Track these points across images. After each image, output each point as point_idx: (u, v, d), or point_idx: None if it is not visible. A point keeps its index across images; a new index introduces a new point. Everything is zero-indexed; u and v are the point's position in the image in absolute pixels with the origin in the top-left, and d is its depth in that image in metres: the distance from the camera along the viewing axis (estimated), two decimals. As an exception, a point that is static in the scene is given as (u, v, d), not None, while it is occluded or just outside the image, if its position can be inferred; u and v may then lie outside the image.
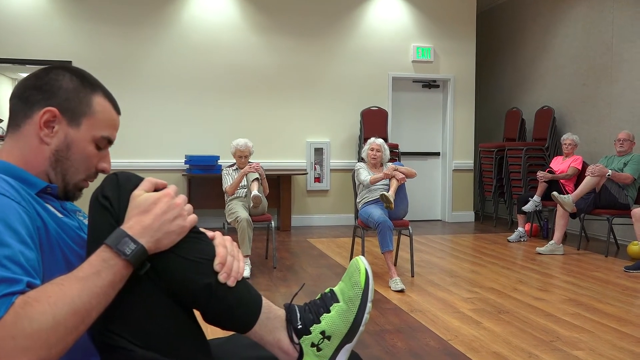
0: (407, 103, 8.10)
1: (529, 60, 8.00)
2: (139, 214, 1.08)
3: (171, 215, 1.09)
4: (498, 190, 7.70)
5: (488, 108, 9.02)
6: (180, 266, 1.11)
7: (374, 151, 4.76)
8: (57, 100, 1.17)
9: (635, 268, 4.77)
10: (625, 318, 3.47)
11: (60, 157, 1.18)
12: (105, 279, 1.02)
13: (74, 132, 1.18)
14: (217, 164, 6.74)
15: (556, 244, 5.60)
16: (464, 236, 6.82)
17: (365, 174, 4.66)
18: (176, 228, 1.10)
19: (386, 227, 4.24)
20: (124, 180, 1.14)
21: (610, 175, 5.40)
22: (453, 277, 4.57)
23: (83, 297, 0.98)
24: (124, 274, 1.05)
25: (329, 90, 7.56)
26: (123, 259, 1.04)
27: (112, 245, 1.04)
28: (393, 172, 4.48)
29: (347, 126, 7.63)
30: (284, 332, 1.19)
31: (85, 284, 0.99)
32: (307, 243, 6.18)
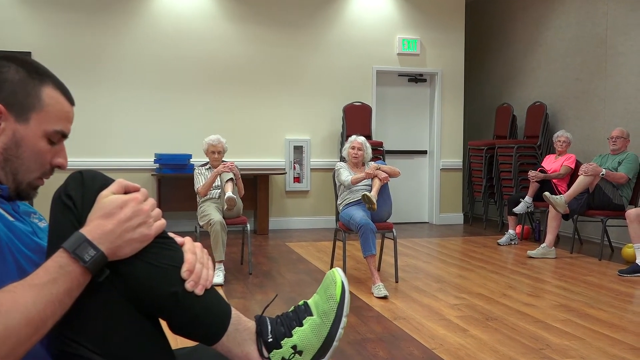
0: (392, 98, 8.15)
1: (520, 53, 8.10)
2: (101, 217, 1.08)
3: (135, 222, 1.09)
4: (488, 191, 7.78)
5: (477, 104, 9.11)
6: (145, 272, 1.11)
7: (355, 150, 4.78)
8: (1, 94, 1.14)
9: (630, 272, 4.86)
10: (617, 324, 3.53)
11: (9, 155, 1.16)
12: (62, 287, 1.01)
13: (23, 128, 1.16)
14: (189, 163, 6.72)
15: (548, 247, 5.68)
16: (452, 239, 6.88)
17: (346, 174, 4.69)
18: (139, 236, 1.09)
19: (368, 229, 4.26)
20: (89, 179, 1.13)
21: (604, 174, 5.49)
22: (439, 283, 4.61)
23: (37, 306, 0.97)
24: (82, 281, 1.04)
25: (310, 85, 7.58)
26: (81, 265, 1.03)
27: (69, 249, 1.04)
28: (375, 172, 4.51)
29: (329, 123, 7.65)
30: (254, 345, 1.20)
31: (40, 292, 0.98)
32: (285, 247, 6.19)
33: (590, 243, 6.54)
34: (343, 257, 4.60)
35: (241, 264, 5.28)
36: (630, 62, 6.25)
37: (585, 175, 5.50)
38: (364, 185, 4.67)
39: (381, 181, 4.47)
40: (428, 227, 7.98)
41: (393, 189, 7.92)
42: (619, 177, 5.52)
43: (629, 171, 5.55)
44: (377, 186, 4.46)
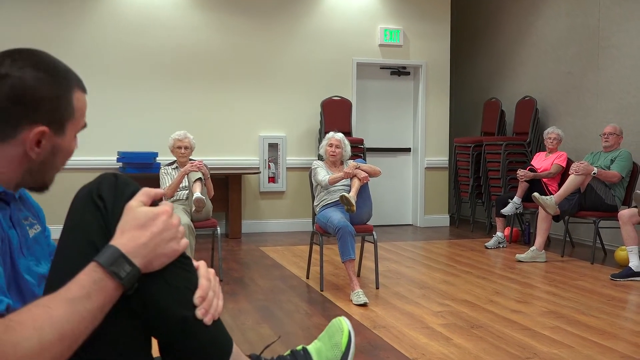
0: (373, 92, 8.17)
1: (509, 44, 8.18)
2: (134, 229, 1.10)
3: (167, 236, 1.12)
4: (475, 191, 7.85)
5: (464, 98, 9.18)
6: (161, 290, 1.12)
7: (333, 147, 4.79)
8: (42, 115, 1.18)
9: (623, 276, 4.93)
10: (608, 331, 3.58)
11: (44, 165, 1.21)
12: (95, 302, 1.03)
13: (61, 139, 1.22)
14: (155, 162, 6.68)
15: (537, 250, 5.74)
16: (437, 243, 6.93)
17: (324, 174, 4.69)
18: (169, 251, 1.12)
19: (347, 232, 4.27)
20: (122, 184, 1.17)
21: (595, 173, 5.56)
22: (423, 289, 4.64)
23: (72, 322, 1.00)
24: (115, 297, 1.07)
25: (285, 78, 7.57)
26: (117, 281, 1.06)
27: (105, 265, 1.05)
28: (355, 171, 4.52)
29: (306, 118, 7.65)
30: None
31: (75, 307, 1.01)
32: (259, 252, 6.18)
33: (582, 246, 6.62)
34: (320, 262, 4.60)
35: (211, 270, 5.27)
36: (624, 55, 6.35)
37: (576, 174, 5.57)
38: (342, 186, 4.68)
39: (361, 181, 4.49)
40: (412, 229, 8.02)
41: (374, 189, 7.94)
42: (611, 176, 5.60)
43: (621, 169, 5.63)
44: (356, 186, 4.47)
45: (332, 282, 4.85)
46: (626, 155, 5.68)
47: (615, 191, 5.65)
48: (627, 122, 6.27)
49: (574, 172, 5.58)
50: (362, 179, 4.49)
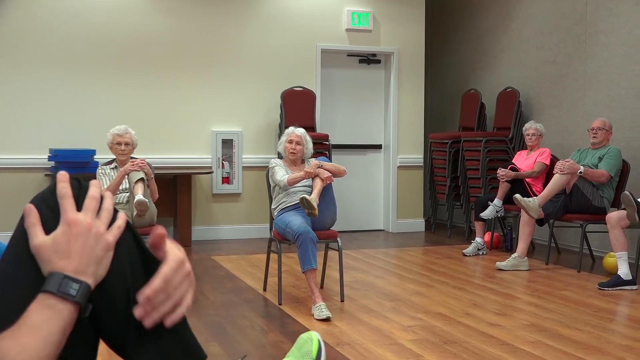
0: (340, 83, 8.20)
1: (489, 30, 8.29)
2: (60, 258, 1.14)
3: (91, 240, 1.15)
4: (453, 192, 7.93)
5: (441, 90, 9.27)
6: (115, 286, 1.18)
7: (293, 144, 4.80)
8: None
9: (611, 285, 5.04)
10: (594, 345, 3.66)
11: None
12: (56, 326, 1.10)
13: None
14: (93, 161, 6.61)
15: (520, 257, 5.83)
16: (410, 250, 6.99)
17: (282, 173, 4.69)
18: (102, 249, 1.16)
19: (308, 239, 4.28)
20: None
21: (582, 172, 5.67)
22: (393, 301, 4.68)
23: (41, 350, 1.08)
24: (73, 318, 1.13)
25: (241, 66, 7.56)
26: (71, 301, 1.12)
27: (53, 290, 1.11)
28: (317, 170, 4.54)
29: (264, 112, 7.65)
30: None
31: (40, 334, 1.08)
32: (211, 262, 6.17)
33: (568, 252, 6.75)
34: (278, 273, 4.61)
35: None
36: (613, 42, 6.48)
37: (560, 173, 5.66)
38: (303, 187, 4.69)
39: (323, 182, 4.50)
40: (383, 235, 8.07)
41: (339, 191, 7.96)
42: (598, 175, 5.72)
43: (610, 168, 5.75)
44: (318, 187, 4.48)
45: (292, 294, 4.86)
46: (615, 153, 5.80)
47: (604, 192, 5.77)
48: (617, 115, 6.40)
49: (558, 171, 5.68)
50: (324, 179, 4.51)
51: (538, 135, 6.53)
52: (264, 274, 5.05)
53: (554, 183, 5.69)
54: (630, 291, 5.00)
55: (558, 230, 6.92)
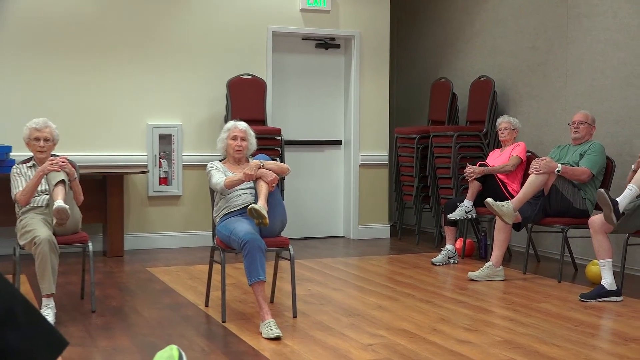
0: (294, 70, 8.21)
1: (461, 11, 8.38)
2: None
3: None
4: (421, 194, 8.00)
5: (408, 78, 9.33)
6: None
7: (238, 140, 4.78)
8: None
9: (594, 296, 5.14)
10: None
11: None
12: None
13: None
14: (9, 159, 6.50)
15: (494, 266, 5.91)
16: (373, 259, 7.02)
17: (219, 176, 4.65)
18: None
19: (255, 247, 4.27)
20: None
21: (560, 171, 5.77)
22: (352, 317, 4.70)
23: None
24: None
25: (181, 52, 7.51)
26: None
27: None
28: (259, 172, 4.51)
29: (207, 103, 7.61)
30: None
31: None
32: (146, 274, 6.13)
33: (549, 260, 6.86)
34: (222, 286, 4.59)
35: (81, 299, 5.18)
36: (597, 26, 6.61)
37: (536, 173, 5.76)
38: (246, 189, 4.67)
39: (269, 185, 4.48)
40: (343, 242, 8.10)
41: (292, 193, 7.99)
42: (579, 173, 5.82)
43: (592, 165, 5.86)
44: (264, 192, 4.46)
45: (238, 310, 4.85)
46: (598, 149, 5.92)
47: (586, 193, 5.87)
48: (600, 108, 6.53)
49: (534, 171, 5.77)
50: (270, 182, 4.49)
51: (511, 129, 6.62)
52: (206, 288, 5.03)
53: (530, 184, 5.77)
54: (614, 303, 5.10)
55: (537, 236, 7.02)
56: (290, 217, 7.63)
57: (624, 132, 6.33)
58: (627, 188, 5.15)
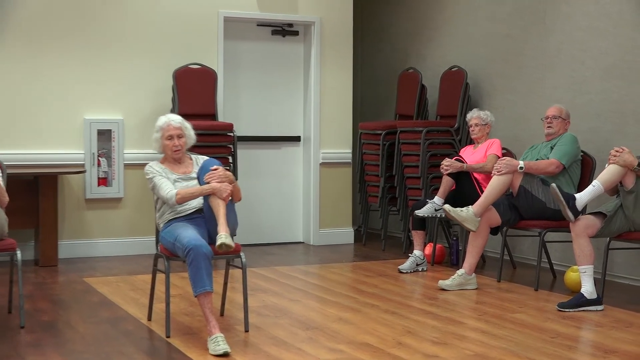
0: (248, 59, 8.19)
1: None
2: None
3: None
4: (388, 195, 8.01)
5: (373, 69, 9.35)
6: None
7: (175, 139, 4.73)
8: None
9: (572, 305, 5.20)
10: (549, 378, 3.78)
11: None
12: None
13: None
14: None
15: (467, 274, 5.95)
16: (335, 266, 7.03)
17: (167, 187, 4.59)
18: None
19: (201, 255, 4.25)
20: None
21: (523, 168, 5.83)
22: (310, 330, 4.70)
23: None
24: None
25: (122, 39, 7.45)
26: None
27: None
28: (212, 185, 4.44)
29: (151, 95, 7.57)
30: None
31: None
32: (82, 285, 6.08)
33: (526, 266, 6.93)
34: (166, 297, 4.56)
35: (9, 313, 5.12)
36: (577, 13, 6.68)
37: (498, 174, 5.82)
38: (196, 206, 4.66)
39: (224, 200, 4.44)
40: (302, 249, 8.10)
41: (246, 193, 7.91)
42: (545, 166, 5.90)
43: (561, 155, 5.93)
44: (222, 212, 4.39)
45: (185, 324, 4.83)
46: (568, 139, 6.00)
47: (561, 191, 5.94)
48: (580, 101, 6.61)
49: (495, 172, 5.82)
50: (225, 198, 4.45)
51: (482, 125, 6.67)
52: (149, 300, 4.99)
53: (493, 187, 5.83)
54: (595, 312, 5.17)
55: (513, 241, 7.09)
56: (243, 221, 7.61)
57: (606, 127, 6.40)
58: (591, 184, 5.27)
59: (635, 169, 5.11)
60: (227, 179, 4.50)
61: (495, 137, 6.85)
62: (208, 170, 4.54)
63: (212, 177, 4.49)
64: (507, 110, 7.36)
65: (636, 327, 4.79)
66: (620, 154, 5.14)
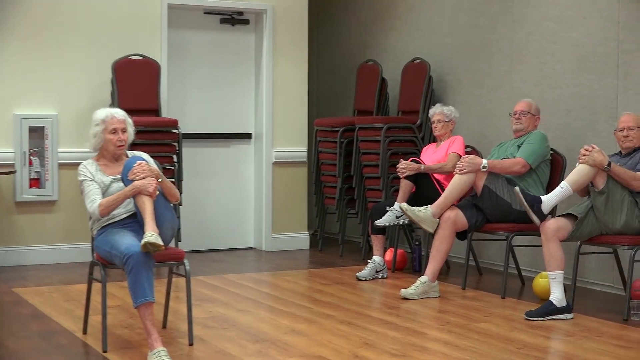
0: (194, 50, 8.17)
1: (391, -17, 8.46)
2: None
3: None
4: (346, 196, 8.03)
5: (330, 60, 9.37)
6: None
7: (119, 133, 4.70)
8: None
9: (541, 314, 5.25)
10: (514, 392, 3.82)
11: None
12: None
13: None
14: None
15: (430, 281, 5.98)
16: (289, 274, 7.04)
17: (92, 197, 4.58)
18: None
19: (141, 262, 4.22)
20: None
21: (486, 167, 5.89)
22: (260, 343, 4.70)
23: None
24: None
25: (57, 28, 7.41)
26: None
27: None
28: (137, 183, 4.40)
29: (89, 89, 7.52)
30: None
31: None
32: (12, 296, 6.03)
33: (492, 272, 6.99)
34: (102, 309, 4.53)
35: None
36: (546, 1, 6.75)
37: (460, 173, 5.87)
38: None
39: (151, 196, 4.39)
40: (253, 255, 8.09)
41: (192, 195, 7.93)
42: (510, 165, 5.96)
43: (528, 154, 5.99)
44: (149, 210, 4.36)
45: (123, 337, 4.80)
46: (537, 137, 6.07)
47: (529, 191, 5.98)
48: (551, 96, 6.68)
49: (457, 171, 5.88)
50: (152, 194, 4.41)
51: (445, 121, 6.72)
52: (84, 311, 4.95)
53: (454, 186, 5.88)
54: (564, 321, 5.23)
55: (479, 245, 7.14)
56: (189, 225, 7.69)
57: (577, 123, 6.48)
58: (559, 186, 5.33)
59: (605, 168, 5.18)
60: (152, 174, 4.46)
61: (460, 134, 6.91)
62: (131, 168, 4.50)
63: (134, 175, 4.45)
64: (472, 106, 7.42)
65: (607, 337, 4.85)
66: (590, 153, 5.20)
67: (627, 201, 5.26)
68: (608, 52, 6.23)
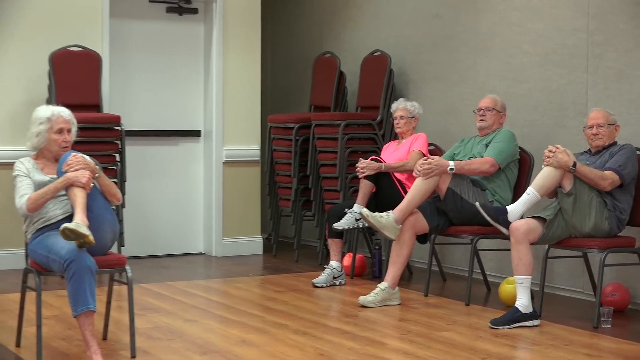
0: (139, 41, 8.14)
1: (350, -30, 8.48)
2: None
3: None
4: (302, 198, 8.03)
5: (284, 53, 9.37)
6: None
7: (65, 133, 4.66)
8: None
9: (506, 321, 5.27)
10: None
11: None
12: None
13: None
14: None
15: (390, 288, 5.99)
16: (240, 281, 7.03)
17: (21, 192, 4.55)
18: None
19: (83, 268, 4.20)
20: None
21: (453, 169, 5.92)
22: (208, 354, 4.68)
23: None
24: None
25: (-12, 14, 7.35)
26: None
27: None
28: (68, 175, 4.39)
29: (23, 83, 7.48)
30: None
31: None
32: (-61, 306, 5.96)
33: (457, 278, 7.02)
34: (37, 319, 4.48)
35: None
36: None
37: (424, 176, 5.86)
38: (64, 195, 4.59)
39: (85, 188, 4.38)
40: (202, 261, 8.08)
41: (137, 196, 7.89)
42: (479, 164, 6.00)
43: (496, 153, 6.04)
44: (80, 202, 4.32)
45: (60, 350, 4.76)
46: (505, 136, 6.12)
47: (495, 192, 6.04)
48: (517, 91, 6.73)
49: (420, 174, 5.85)
50: (85, 185, 4.38)
51: (408, 118, 6.74)
52: (17, 322, 4.90)
53: (416, 189, 5.88)
54: (530, 329, 5.27)
55: (442, 249, 7.18)
56: (133, 229, 7.64)
57: (545, 120, 6.54)
58: (525, 192, 5.37)
59: (570, 169, 5.22)
60: (87, 167, 4.44)
61: (422, 130, 6.94)
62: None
63: (68, 167, 4.42)
64: (435, 101, 7.45)
65: (576, 345, 4.89)
66: (554, 154, 5.24)
67: (596, 202, 5.31)
68: (577, 45, 6.28)
